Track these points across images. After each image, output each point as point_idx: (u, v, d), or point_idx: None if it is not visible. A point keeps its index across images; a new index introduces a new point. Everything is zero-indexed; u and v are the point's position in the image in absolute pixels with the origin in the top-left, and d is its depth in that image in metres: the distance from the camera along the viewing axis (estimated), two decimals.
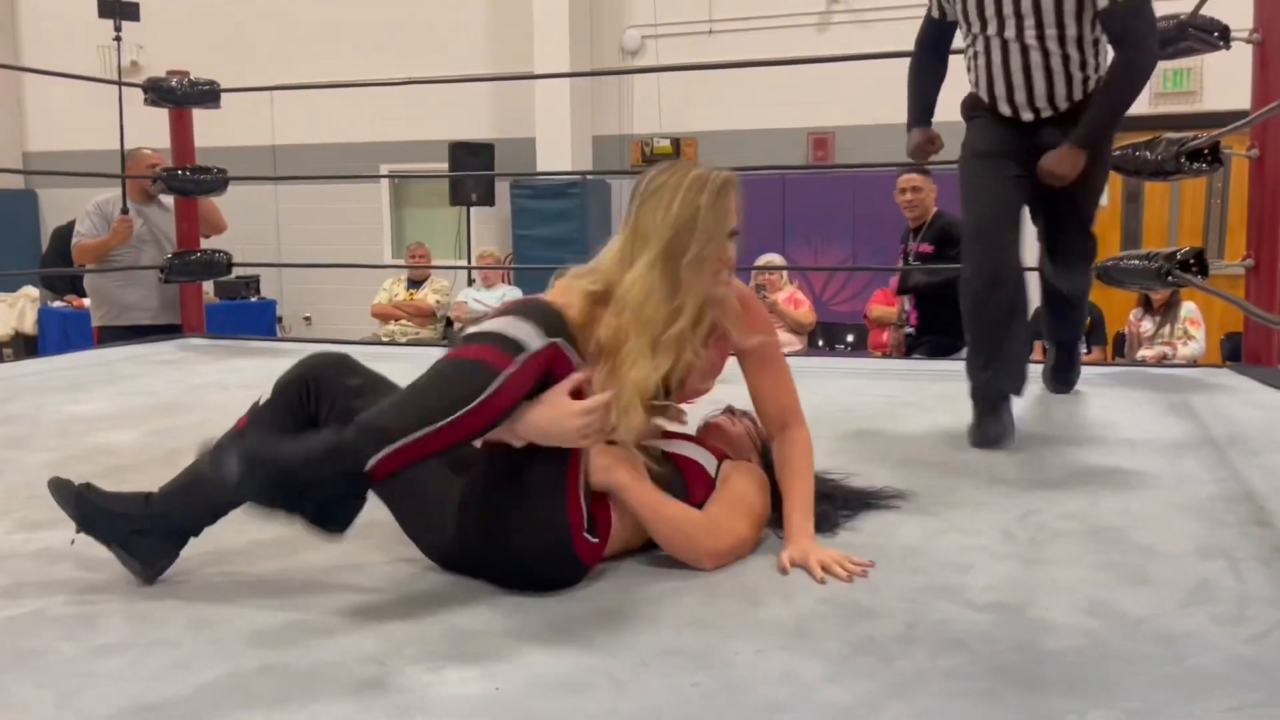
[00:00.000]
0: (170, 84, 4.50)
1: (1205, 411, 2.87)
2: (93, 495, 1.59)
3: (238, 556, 1.74)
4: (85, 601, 1.55)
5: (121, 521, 1.58)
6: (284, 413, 1.70)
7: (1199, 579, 1.59)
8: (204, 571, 1.67)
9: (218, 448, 1.39)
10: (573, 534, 1.55)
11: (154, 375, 3.67)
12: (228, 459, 1.35)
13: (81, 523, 1.58)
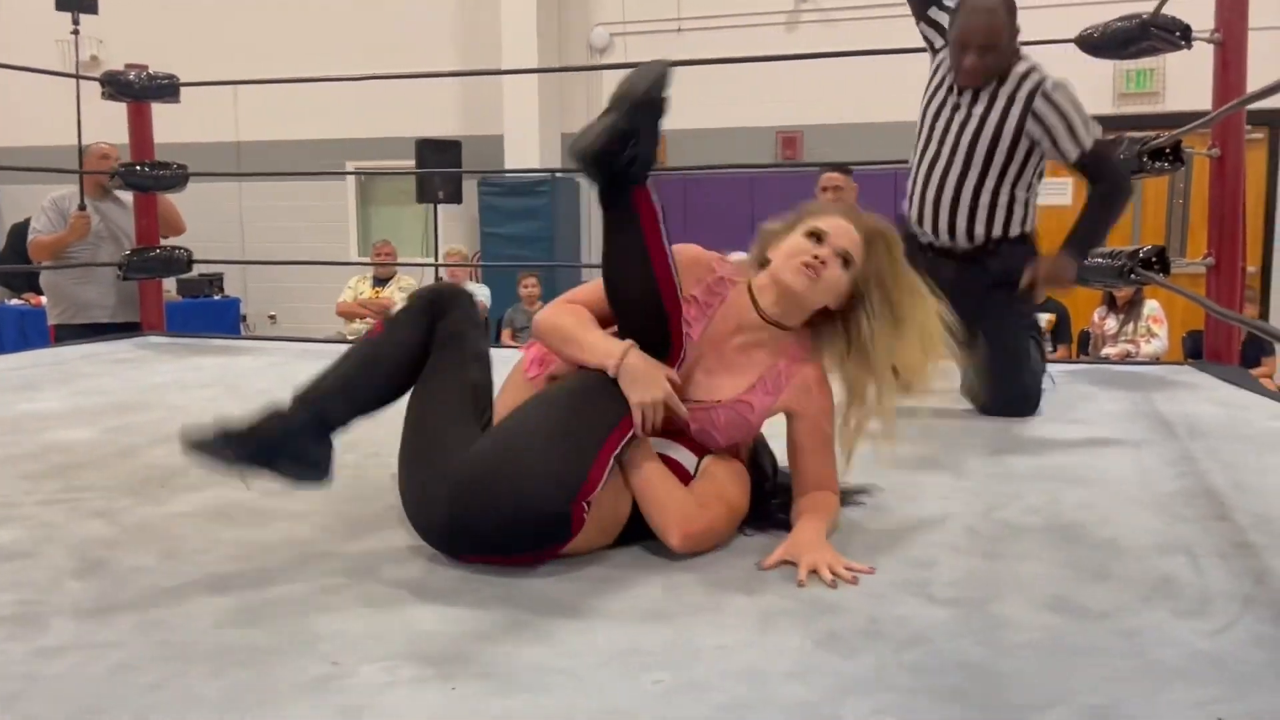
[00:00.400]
0: (128, 78, 4.42)
1: (1167, 408, 2.89)
2: (238, 428, 1.64)
3: (193, 556, 1.70)
4: (34, 601, 1.51)
5: (287, 436, 1.65)
6: (414, 320, 1.78)
7: (1160, 574, 1.60)
8: (157, 571, 1.63)
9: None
10: (581, 491, 1.54)
11: (110, 374, 3.60)
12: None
13: (249, 458, 1.62)
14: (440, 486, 1.60)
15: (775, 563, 1.62)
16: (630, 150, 1.59)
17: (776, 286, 1.78)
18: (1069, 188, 7.82)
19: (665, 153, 8.35)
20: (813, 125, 8.05)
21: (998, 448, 2.45)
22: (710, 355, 1.80)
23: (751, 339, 1.80)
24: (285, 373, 3.65)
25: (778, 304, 1.80)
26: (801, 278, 1.74)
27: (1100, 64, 3.77)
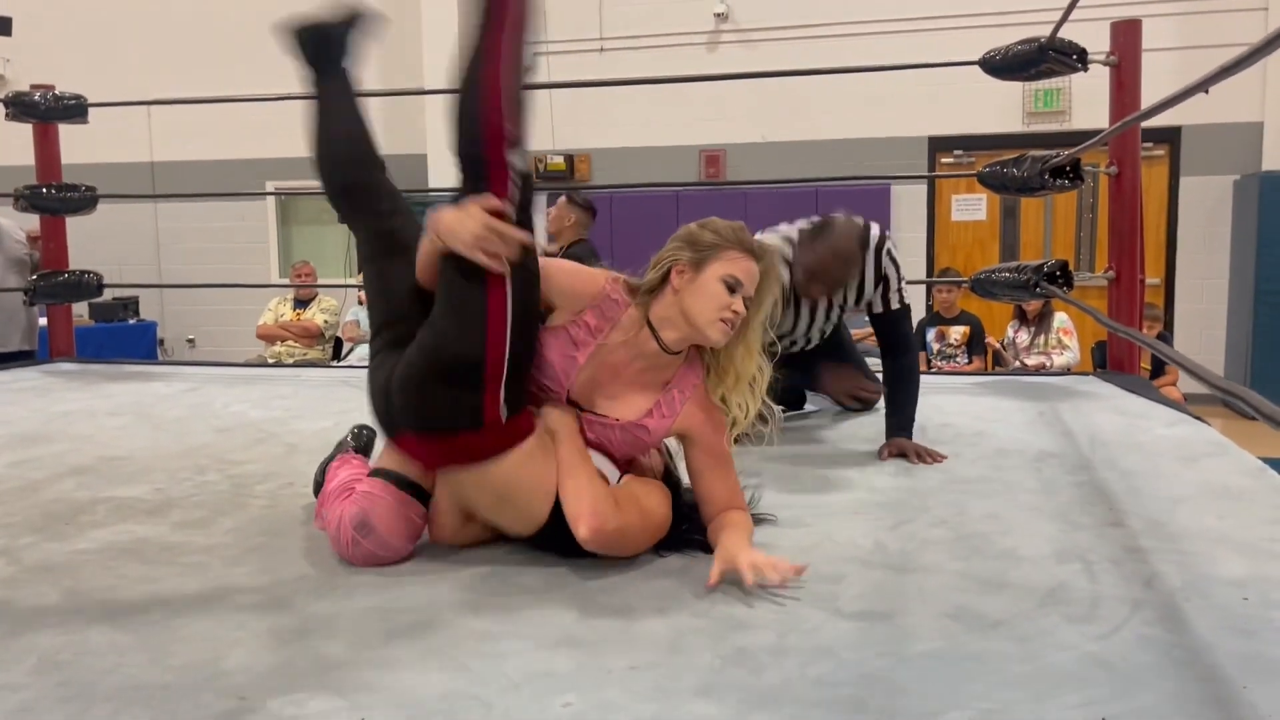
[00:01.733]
0: (34, 98, 4.31)
1: (1070, 418, 2.99)
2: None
3: (98, 594, 1.66)
4: None
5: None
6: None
7: (1055, 581, 1.66)
8: (60, 611, 1.59)
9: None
10: (487, 340, 1.67)
11: (13, 403, 3.49)
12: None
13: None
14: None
15: (718, 578, 1.63)
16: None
17: (690, 330, 1.77)
18: (984, 202, 8.06)
19: (590, 170, 8.40)
20: (735, 144, 8.16)
21: (905, 464, 2.51)
22: (606, 379, 1.82)
23: (648, 364, 1.82)
24: (200, 399, 3.58)
25: (683, 342, 1.80)
26: (721, 333, 1.76)
27: (1010, 84, 3.91)
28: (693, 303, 1.75)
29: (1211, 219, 7.72)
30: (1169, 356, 1.92)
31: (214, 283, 8.17)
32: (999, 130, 7.72)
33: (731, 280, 1.75)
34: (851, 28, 7.63)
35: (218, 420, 3.19)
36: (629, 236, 8.33)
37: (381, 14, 1.98)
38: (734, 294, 1.75)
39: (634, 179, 8.03)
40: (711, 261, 1.77)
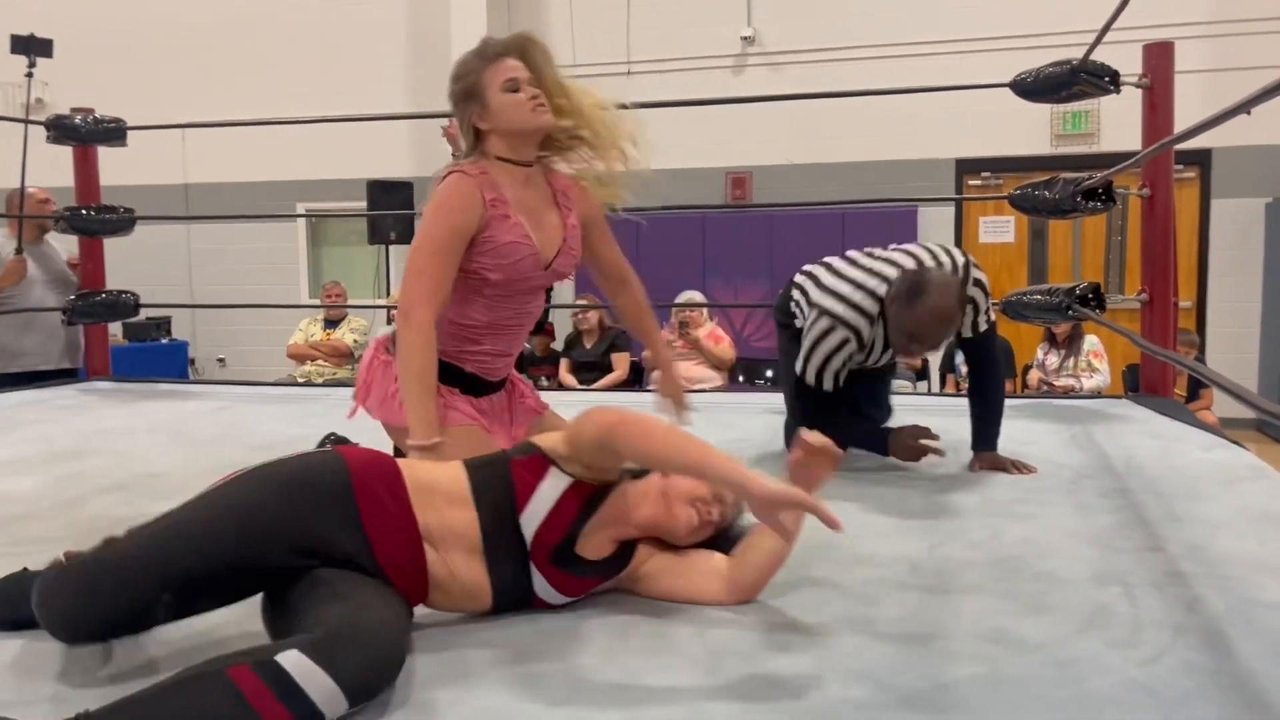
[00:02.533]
0: (74, 121, 4.39)
1: (1104, 441, 2.97)
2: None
3: None
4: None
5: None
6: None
7: (1095, 605, 1.64)
8: None
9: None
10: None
11: (54, 421, 3.54)
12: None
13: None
14: None
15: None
16: None
17: (519, 138, 2.09)
18: (1012, 225, 8.03)
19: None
20: (761, 166, 8.18)
21: (940, 485, 2.50)
22: (535, 223, 2.13)
23: (536, 190, 2.17)
24: (233, 417, 3.62)
25: (525, 148, 2.11)
26: (540, 115, 2.09)
27: (1038, 106, 3.89)
28: (503, 122, 2.04)
29: (1243, 241, 7.65)
30: (1209, 378, 1.91)
31: (245, 303, 8.25)
32: (1027, 152, 7.71)
33: (509, 84, 1.99)
34: (878, 50, 7.65)
35: (252, 438, 3.22)
36: (654, 259, 8.37)
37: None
38: (519, 91, 2.00)
39: (659, 202, 8.05)
40: (483, 90, 2.03)
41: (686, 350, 6.06)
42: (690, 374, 6.03)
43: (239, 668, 1.22)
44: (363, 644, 1.27)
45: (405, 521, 1.51)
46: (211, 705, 1.19)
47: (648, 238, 8.56)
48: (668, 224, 8.21)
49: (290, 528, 1.43)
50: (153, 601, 1.41)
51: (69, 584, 1.42)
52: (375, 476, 1.53)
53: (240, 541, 1.42)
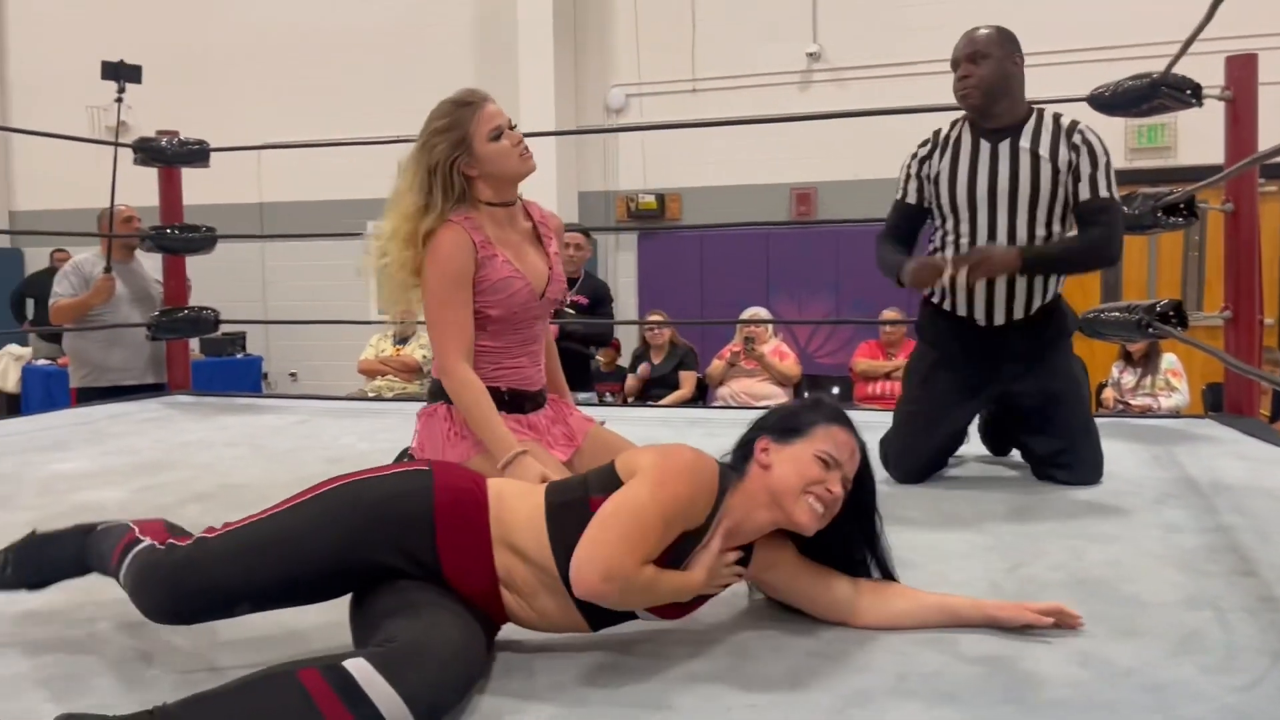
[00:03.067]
0: (160, 144, 4.54)
1: (1189, 462, 2.89)
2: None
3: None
4: (74, 663, 1.54)
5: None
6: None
7: (1187, 629, 1.60)
8: (191, 632, 1.64)
9: None
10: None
11: (138, 433, 3.65)
12: None
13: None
14: None
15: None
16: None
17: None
18: None
19: (681, 209, 8.46)
20: (826, 182, 8.14)
21: (1018, 505, 2.46)
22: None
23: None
24: (308, 430, 3.70)
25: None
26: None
27: (1113, 119, 3.82)
28: (493, 169, 2.08)
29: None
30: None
31: (316, 319, 8.43)
32: None
33: (494, 131, 1.92)
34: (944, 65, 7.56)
35: (327, 451, 3.28)
36: (719, 275, 8.37)
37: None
38: (503, 138, 1.93)
39: (724, 218, 8.05)
40: (470, 138, 2.06)
41: (752, 367, 6.05)
42: (755, 390, 6.01)
43: (309, 670, 1.25)
44: (429, 663, 1.29)
45: (484, 568, 1.48)
46: (280, 705, 1.23)
47: (712, 254, 8.65)
48: (732, 240, 8.21)
49: (373, 551, 1.46)
50: (238, 601, 1.47)
51: (161, 581, 1.48)
52: (460, 515, 1.49)
53: (327, 556, 1.45)
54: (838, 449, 1.56)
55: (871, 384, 6.20)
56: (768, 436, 1.59)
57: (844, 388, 6.85)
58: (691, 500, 1.47)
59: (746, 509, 1.55)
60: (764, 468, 1.56)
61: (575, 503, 1.51)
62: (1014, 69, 2.65)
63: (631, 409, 5.15)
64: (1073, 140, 2.59)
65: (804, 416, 1.60)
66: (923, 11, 7.83)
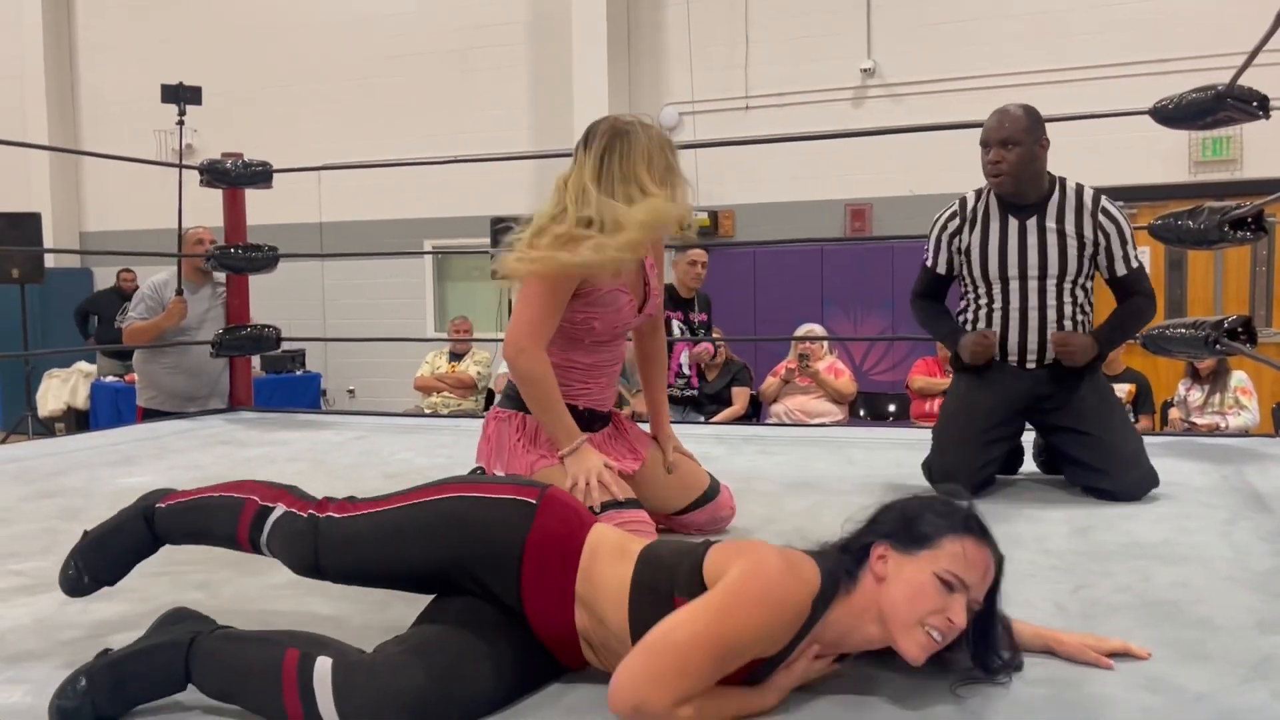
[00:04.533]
0: (225, 166, 4.65)
1: (1259, 482, 2.82)
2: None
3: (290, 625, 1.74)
4: None
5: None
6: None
7: (1260, 654, 1.55)
8: None
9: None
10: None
11: (202, 449, 3.73)
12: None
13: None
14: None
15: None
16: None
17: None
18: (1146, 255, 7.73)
19: (734, 227, 8.46)
20: (881, 198, 8.09)
21: (1081, 525, 2.41)
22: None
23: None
24: (368, 446, 3.75)
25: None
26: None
27: (1177, 132, 3.75)
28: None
29: None
30: None
31: (374, 337, 8.56)
32: (1163, 180, 7.42)
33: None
34: (1001, 80, 7.48)
35: (386, 467, 3.32)
36: (773, 291, 8.35)
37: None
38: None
39: (778, 235, 8.05)
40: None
41: (806, 384, 6.01)
42: (810, 408, 5.97)
43: (294, 651, 1.37)
44: (373, 689, 1.32)
45: (565, 619, 1.47)
46: (260, 669, 1.37)
47: (766, 270, 8.63)
48: (787, 256, 8.19)
49: (461, 570, 1.49)
50: (366, 579, 1.60)
51: (309, 549, 1.58)
52: (549, 563, 1.47)
53: (425, 563, 1.52)
54: (968, 569, 1.36)
55: (928, 401, 6.12)
56: (887, 543, 1.40)
57: (900, 405, 6.78)
58: (766, 632, 1.32)
59: (854, 624, 1.39)
60: (879, 579, 1.38)
61: (661, 593, 1.41)
62: (1041, 151, 2.77)
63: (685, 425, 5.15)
64: (1098, 220, 2.74)
65: (930, 522, 1.40)
66: (978, 27, 7.78)
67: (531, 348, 2.10)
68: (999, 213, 2.80)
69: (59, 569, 1.75)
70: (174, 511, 1.74)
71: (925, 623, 1.34)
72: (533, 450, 2.15)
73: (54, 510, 2.74)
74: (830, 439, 3.95)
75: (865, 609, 1.38)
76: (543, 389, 2.10)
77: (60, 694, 1.39)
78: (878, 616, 1.37)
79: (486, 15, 9.07)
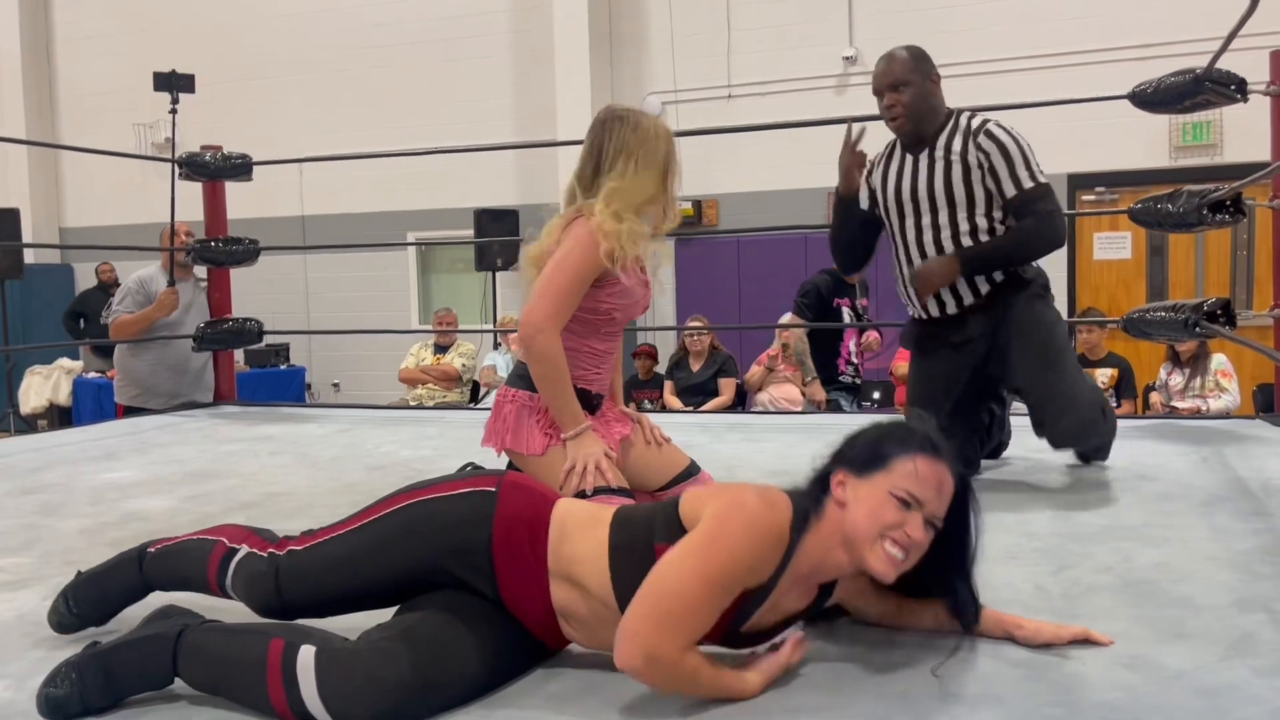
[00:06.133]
0: (205, 158, 4.62)
1: (1239, 463, 2.84)
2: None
3: None
4: None
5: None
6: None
7: (1239, 632, 1.57)
8: None
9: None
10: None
11: (185, 443, 3.71)
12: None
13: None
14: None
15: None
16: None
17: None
18: (1128, 240, 7.77)
19: (717, 215, 8.46)
20: None
21: (1064, 505, 2.43)
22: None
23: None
24: (352, 439, 3.74)
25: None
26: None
27: (1157, 117, 3.77)
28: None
29: None
30: None
31: (358, 329, 8.53)
32: (1144, 165, 7.45)
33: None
34: (984, 65, 7.49)
35: (370, 459, 3.32)
36: (756, 280, 8.35)
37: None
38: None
39: (761, 223, 8.04)
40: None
41: (791, 371, 6.02)
42: (793, 395, 5.98)
43: (279, 640, 1.37)
44: (356, 674, 1.33)
45: (540, 599, 1.47)
46: (247, 657, 1.37)
47: (750, 259, 8.61)
48: (769, 244, 8.18)
49: (433, 573, 1.49)
50: (328, 609, 1.56)
51: (267, 590, 1.55)
52: (517, 546, 1.47)
53: (392, 575, 1.51)
54: (920, 485, 1.40)
55: None
56: (845, 469, 1.45)
57: (885, 392, 6.79)
58: (751, 561, 1.37)
59: (823, 551, 1.43)
60: (840, 505, 1.43)
61: (639, 547, 1.44)
62: (933, 87, 2.79)
63: (671, 414, 5.15)
64: (978, 141, 2.70)
65: (885, 446, 1.44)
66: (959, 14, 7.78)
67: (550, 329, 2.12)
68: (900, 151, 2.85)
69: (45, 586, 1.74)
70: (159, 556, 1.72)
71: (886, 537, 1.39)
72: (551, 432, 2.17)
73: (35, 506, 2.73)
74: (814, 425, 3.96)
75: (832, 534, 1.43)
76: (557, 370, 2.12)
77: (49, 682, 1.39)
78: (843, 541, 1.42)
79: (468, 5, 9.02)
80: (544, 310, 2.12)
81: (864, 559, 1.40)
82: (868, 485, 1.42)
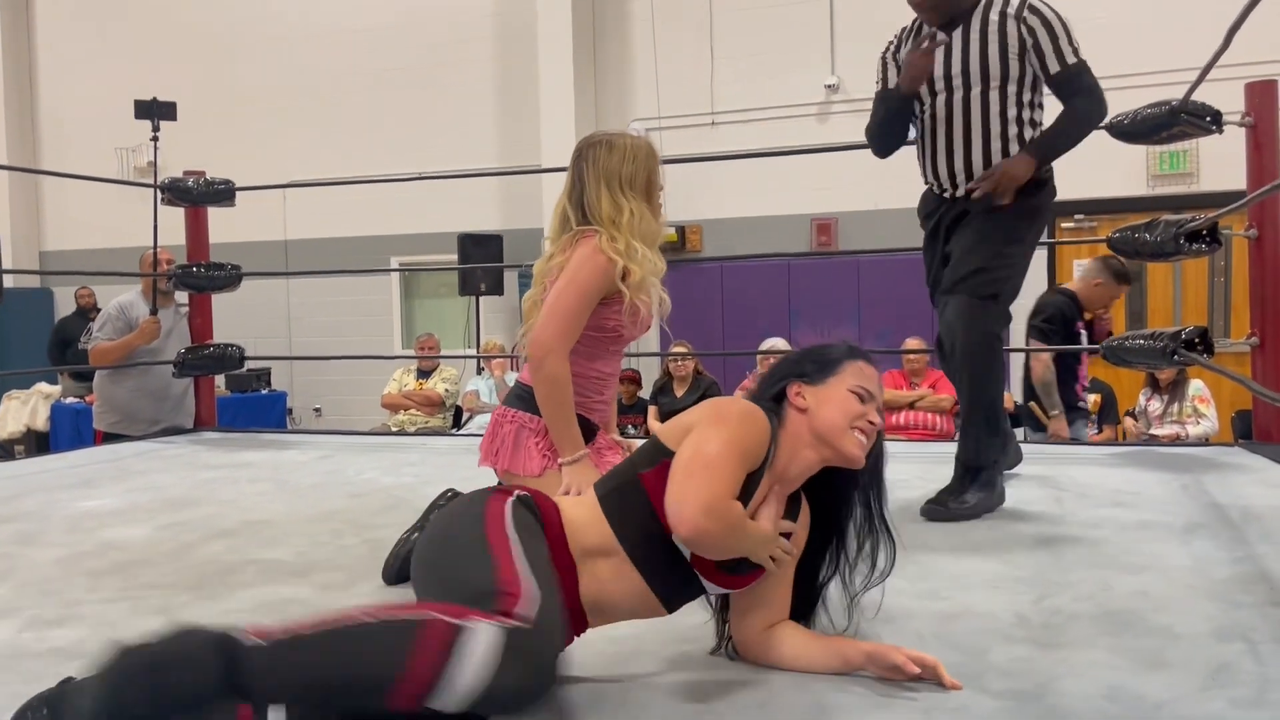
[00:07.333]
0: (187, 184, 4.61)
1: (1218, 491, 2.86)
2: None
3: None
4: None
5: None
6: None
7: (1218, 662, 1.57)
8: None
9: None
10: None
11: (164, 470, 3.68)
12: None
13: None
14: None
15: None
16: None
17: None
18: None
19: (701, 241, 8.49)
20: (847, 212, 8.15)
21: (1044, 535, 2.43)
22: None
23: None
24: (333, 466, 3.71)
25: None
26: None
27: (1135, 146, 3.81)
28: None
29: None
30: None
31: (340, 354, 8.49)
32: (1122, 194, 7.53)
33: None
34: None
35: (351, 486, 3.30)
36: (740, 307, 8.38)
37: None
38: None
39: (745, 249, 8.09)
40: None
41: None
42: None
43: (438, 623, 1.24)
44: (534, 658, 1.27)
45: (572, 590, 1.51)
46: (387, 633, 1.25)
47: (733, 285, 8.64)
48: (753, 271, 8.23)
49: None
50: None
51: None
52: (558, 547, 1.52)
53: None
54: (869, 381, 1.63)
55: (895, 414, 6.17)
56: (798, 381, 1.64)
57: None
58: (754, 439, 1.52)
59: (793, 451, 1.60)
60: (801, 410, 1.61)
61: (624, 484, 1.56)
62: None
63: None
64: (1023, 15, 2.64)
65: (830, 355, 1.66)
66: None
67: (560, 349, 2.14)
68: (929, 30, 2.74)
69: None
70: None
71: (854, 426, 1.59)
72: (549, 455, 2.18)
73: (10, 535, 2.69)
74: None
75: (797, 436, 1.60)
76: (563, 393, 2.14)
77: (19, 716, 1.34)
78: (811, 440, 1.60)
79: (452, 33, 9.07)
80: (554, 330, 2.14)
81: (840, 447, 1.59)
82: (825, 389, 1.62)
